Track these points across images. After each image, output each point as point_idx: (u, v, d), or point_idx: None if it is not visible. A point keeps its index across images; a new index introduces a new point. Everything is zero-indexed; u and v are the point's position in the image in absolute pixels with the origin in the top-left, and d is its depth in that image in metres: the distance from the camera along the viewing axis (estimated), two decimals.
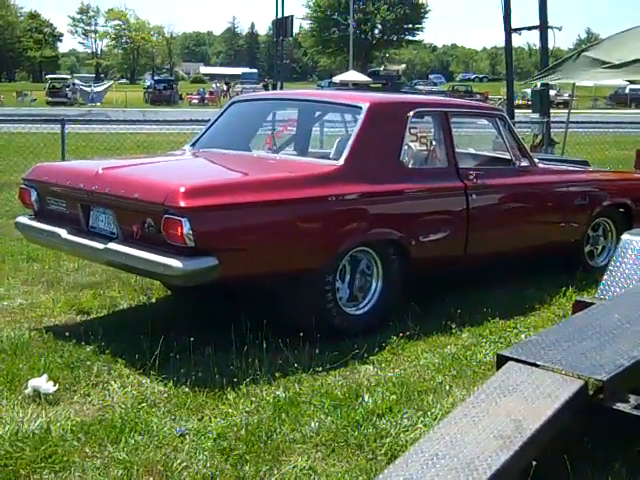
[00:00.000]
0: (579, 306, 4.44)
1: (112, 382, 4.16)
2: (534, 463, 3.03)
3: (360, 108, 5.42)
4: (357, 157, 5.17)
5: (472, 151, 7.17)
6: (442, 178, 5.73)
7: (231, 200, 4.45)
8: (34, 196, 5.33)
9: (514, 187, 6.27)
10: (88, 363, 4.39)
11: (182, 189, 4.35)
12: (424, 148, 6.28)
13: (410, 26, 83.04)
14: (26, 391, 4.01)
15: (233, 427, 3.68)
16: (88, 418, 3.73)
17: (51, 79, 56.73)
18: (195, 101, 53.68)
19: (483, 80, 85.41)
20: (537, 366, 3.61)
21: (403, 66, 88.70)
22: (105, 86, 56.21)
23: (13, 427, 3.60)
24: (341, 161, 5.12)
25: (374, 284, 5.24)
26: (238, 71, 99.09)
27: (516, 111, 17.07)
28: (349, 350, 4.74)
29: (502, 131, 6.34)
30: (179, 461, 3.37)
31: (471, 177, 5.81)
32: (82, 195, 4.88)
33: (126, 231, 4.65)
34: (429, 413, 3.90)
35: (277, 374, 4.32)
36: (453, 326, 5.25)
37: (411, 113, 5.57)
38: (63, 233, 4.98)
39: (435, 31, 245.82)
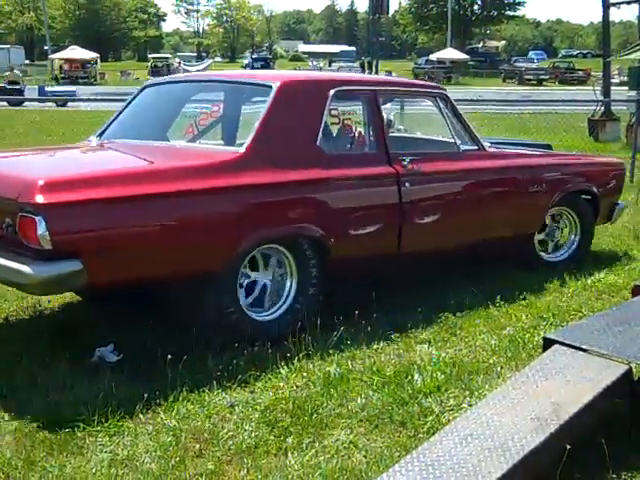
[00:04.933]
0: (638, 290, 4.36)
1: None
2: (568, 447, 3.04)
3: (270, 88, 4.80)
4: (263, 143, 4.59)
5: (408, 134, 6.48)
6: (368, 164, 5.09)
7: (97, 195, 3.85)
8: None
9: (456, 173, 5.56)
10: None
11: (38, 183, 3.79)
12: (348, 131, 5.69)
13: (511, 1, 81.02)
14: (92, 359, 4.25)
15: (281, 400, 3.80)
16: (145, 387, 3.91)
17: (153, 58, 58.24)
18: None
19: (587, 56, 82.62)
20: (583, 350, 3.59)
21: (503, 43, 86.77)
22: (205, 64, 57.39)
23: (78, 391, 3.84)
24: (243, 148, 4.55)
25: (287, 287, 4.69)
26: (336, 49, 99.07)
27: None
28: (406, 329, 4.80)
29: (444, 112, 5.67)
30: (226, 430, 3.52)
31: (404, 163, 5.13)
32: None
33: None
34: (476, 393, 3.93)
35: (331, 351, 4.42)
36: (513, 307, 5.22)
37: (331, 93, 4.95)
38: None
39: (538, 6, 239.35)
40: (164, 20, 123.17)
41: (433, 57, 63.09)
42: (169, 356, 4.02)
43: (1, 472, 3.13)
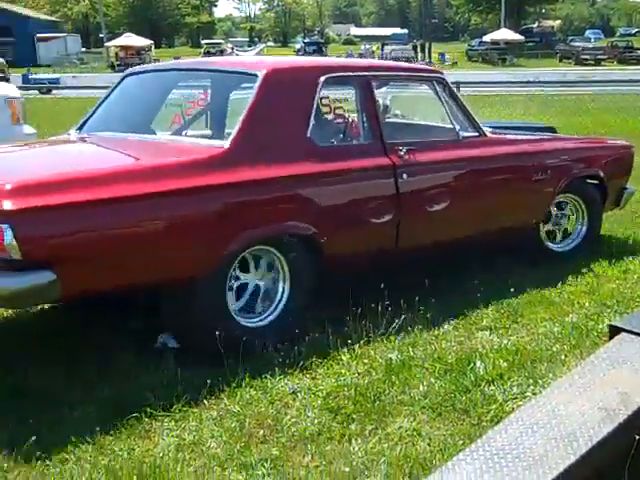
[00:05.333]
0: None
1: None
2: (637, 437, 2.99)
3: (255, 76, 4.49)
4: (249, 136, 4.30)
5: (405, 120, 6.08)
6: (363, 156, 4.78)
7: (68, 199, 3.55)
8: None
9: (456, 162, 5.27)
10: None
11: (4, 188, 3.49)
12: (340, 121, 5.34)
13: None
14: (156, 345, 4.32)
15: (343, 387, 3.82)
16: (208, 373, 3.96)
17: (206, 44, 58.62)
18: None
19: None
20: None
21: (558, 22, 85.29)
22: (257, 49, 57.50)
23: (143, 378, 3.91)
24: (227, 143, 4.24)
25: (279, 290, 4.44)
26: (388, 32, 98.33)
27: None
28: (466, 315, 4.77)
29: (442, 97, 5.35)
30: (289, 417, 3.55)
31: (401, 153, 4.85)
32: None
33: None
34: (540, 382, 3.89)
35: (392, 337, 4.41)
36: (575, 293, 5.15)
37: (321, 79, 4.65)
38: None
39: None
40: (216, 6, 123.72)
41: (487, 38, 62.31)
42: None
43: (72, 455, 3.20)
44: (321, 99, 4.92)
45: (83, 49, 58.80)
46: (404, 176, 4.82)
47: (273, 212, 4.30)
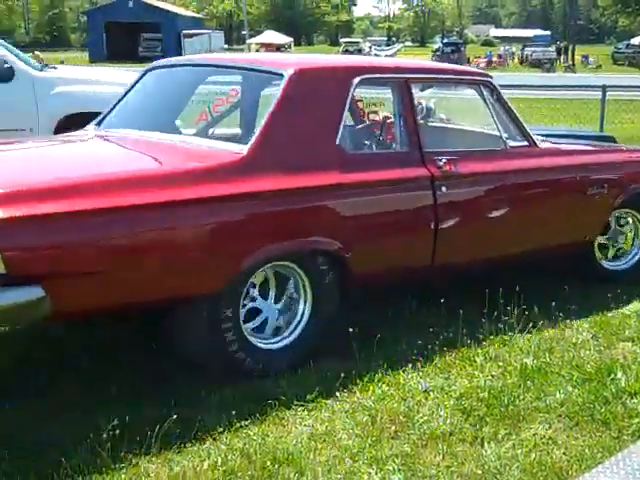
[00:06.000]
0: None
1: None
2: None
3: (281, 76, 4.11)
4: (271, 142, 3.92)
5: (448, 125, 5.59)
6: (398, 165, 4.36)
7: (61, 207, 3.21)
8: None
9: (501, 174, 4.81)
10: None
11: None
12: (375, 127, 4.87)
13: None
14: None
15: (477, 389, 3.76)
16: (341, 365, 3.99)
17: (345, 43, 59.06)
18: (482, 65, 52.98)
19: None
20: None
21: None
22: (394, 49, 57.45)
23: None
24: (246, 149, 3.85)
25: (300, 309, 4.06)
26: (530, 33, 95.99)
27: None
28: (607, 326, 4.61)
29: (489, 102, 4.90)
30: (420, 414, 3.53)
31: (441, 163, 4.43)
32: None
33: None
34: None
35: (528, 342, 4.32)
36: None
37: (355, 81, 4.27)
38: None
39: None
40: (355, 5, 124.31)
41: (635, 41, 59.76)
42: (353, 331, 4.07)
43: (209, 435, 3.30)
44: (354, 102, 4.61)
45: (225, 45, 60.48)
46: (443, 189, 4.41)
47: (293, 226, 3.92)
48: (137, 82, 4.96)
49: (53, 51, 54.87)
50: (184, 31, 55.48)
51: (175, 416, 3.29)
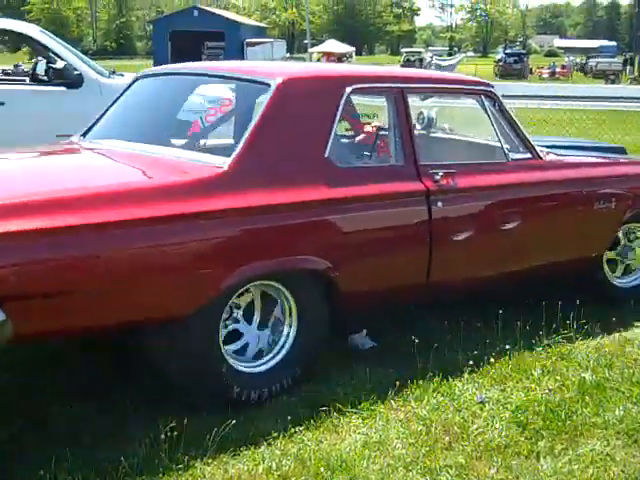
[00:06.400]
0: None
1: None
2: None
3: (268, 86, 3.90)
4: (255, 156, 3.71)
5: (446, 137, 5.32)
6: (391, 179, 4.14)
7: (24, 225, 3.00)
8: None
9: (501, 189, 4.56)
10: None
11: None
12: (367, 139, 4.66)
13: None
14: (349, 344, 4.41)
15: (533, 402, 3.72)
16: (396, 374, 4.00)
17: (406, 52, 58.93)
18: (545, 75, 52.32)
19: None
20: None
21: None
22: (457, 59, 57.05)
23: (335, 374, 4.00)
24: (228, 163, 3.63)
25: (285, 331, 3.83)
26: (595, 44, 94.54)
27: None
28: None
29: (490, 113, 4.66)
30: (475, 426, 3.51)
31: (437, 177, 4.21)
32: None
33: None
34: None
35: (586, 356, 4.26)
36: None
37: (347, 91, 4.07)
38: None
39: None
40: (418, 15, 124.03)
41: None
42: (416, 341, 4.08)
43: (264, 440, 3.34)
44: (347, 113, 4.43)
45: (287, 54, 60.90)
46: (439, 204, 4.19)
47: (277, 244, 3.69)
48: (126, 91, 4.73)
49: (119, 59, 56.03)
50: (247, 39, 56.09)
51: (234, 421, 3.35)
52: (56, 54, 7.47)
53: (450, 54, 75.50)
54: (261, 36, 62.31)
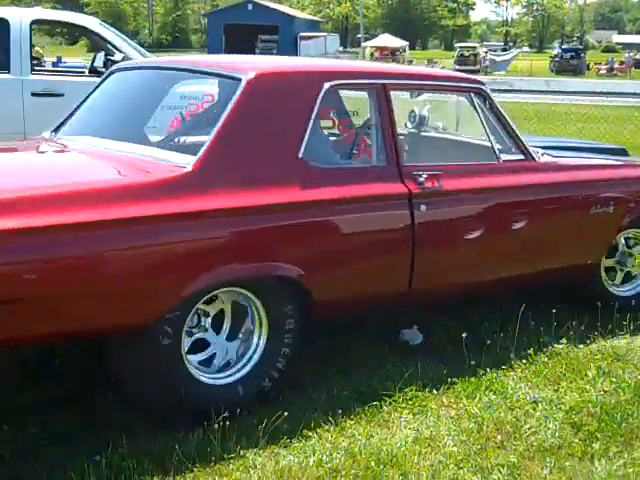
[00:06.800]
0: None
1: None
2: None
3: (239, 81, 3.66)
4: (222, 155, 3.48)
5: (436, 135, 5.06)
6: (372, 181, 3.89)
7: None
8: None
9: (490, 191, 4.29)
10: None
11: None
12: (347, 138, 4.34)
13: None
14: (399, 339, 4.41)
15: (587, 403, 3.68)
16: (448, 370, 3.98)
17: (460, 47, 58.34)
18: (603, 71, 51.41)
19: None
20: None
21: None
22: (511, 55, 56.37)
23: (387, 368, 4.02)
24: (192, 163, 3.40)
25: (254, 342, 3.60)
26: None
27: None
28: None
29: (480, 111, 4.40)
30: (528, 426, 3.48)
31: (421, 179, 3.96)
32: None
33: None
34: None
35: None
36: None
37: (324, 87, 3.81)
38: None
39: None
40: (473, 9, 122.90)
41: None
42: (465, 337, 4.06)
43: (315, 433, 3.36)
44: (325, 111, 4.11)
45: (340, 48, 60.81)
46: (422, 207, 3.94)
47: (244, 249, 3.47)
48: (100, 84, 4.53)
49: (174, 51, 56.56)
50: (300, 33, 56.16)
51: (286, 413, 3.36)
52: (115, 46, 7.59)
53: (505, 49, 74.52)
54: (315, 30, 62.27)
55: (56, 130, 4.38)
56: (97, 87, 4.50)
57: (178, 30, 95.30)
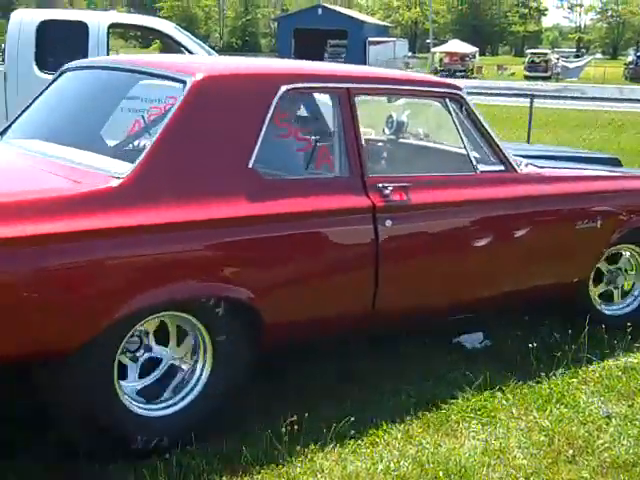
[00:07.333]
0: None
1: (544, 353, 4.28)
2: None
3: (183, 83, 3.35)
4: (161, 165, 3.16)
5: (412, 143, 4.73)
6: (331, 194, 3.56)
7: None
8: None
9: (466, 205, 3.98)
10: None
11: None
12: (305, 147, 3.95)
13: None
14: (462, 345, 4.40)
15: None
16: (516, 380, 3.92)
17: (531, 53, 57.56)
18: None
19: None
20: None
21: None
22: (584, 61, 55.42)
23: (454, 376, 3.98)
24: (127, 173, 3.08)
25: (197, 370, 3.29)
26: None
27: None
28: None
29: (456, 119, 4.09)
30: (601, 441, 3.40)
31: (387, 192, 3.65)
32: None
33: None
34: None
35: None
36: None
37: (280, 91, 3.49)
38: None
39: None
40: (545, 15, 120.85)
41: None
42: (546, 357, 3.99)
43: (382, 440, 3.34)
44: (280, 117, 3.76)
45: (409, 53, 60.59)
46: (387, 222, 3.64)
47: (182, 269, 3.12)
48: (51, 84, 4.20)
49: (244, 55, 57.16)
50: (369, 38, 56.15)
51: (353, 418, 3.36)
52: (188, 50, 7.72)
53: (577, 55, 73.23)
54: (384, 35, 62.15)
55: (2, 133, 4.09)
56: (47, 87, 4.19)
57: (248, 34, 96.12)
